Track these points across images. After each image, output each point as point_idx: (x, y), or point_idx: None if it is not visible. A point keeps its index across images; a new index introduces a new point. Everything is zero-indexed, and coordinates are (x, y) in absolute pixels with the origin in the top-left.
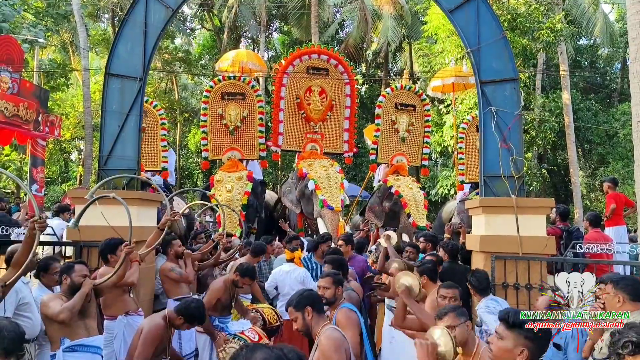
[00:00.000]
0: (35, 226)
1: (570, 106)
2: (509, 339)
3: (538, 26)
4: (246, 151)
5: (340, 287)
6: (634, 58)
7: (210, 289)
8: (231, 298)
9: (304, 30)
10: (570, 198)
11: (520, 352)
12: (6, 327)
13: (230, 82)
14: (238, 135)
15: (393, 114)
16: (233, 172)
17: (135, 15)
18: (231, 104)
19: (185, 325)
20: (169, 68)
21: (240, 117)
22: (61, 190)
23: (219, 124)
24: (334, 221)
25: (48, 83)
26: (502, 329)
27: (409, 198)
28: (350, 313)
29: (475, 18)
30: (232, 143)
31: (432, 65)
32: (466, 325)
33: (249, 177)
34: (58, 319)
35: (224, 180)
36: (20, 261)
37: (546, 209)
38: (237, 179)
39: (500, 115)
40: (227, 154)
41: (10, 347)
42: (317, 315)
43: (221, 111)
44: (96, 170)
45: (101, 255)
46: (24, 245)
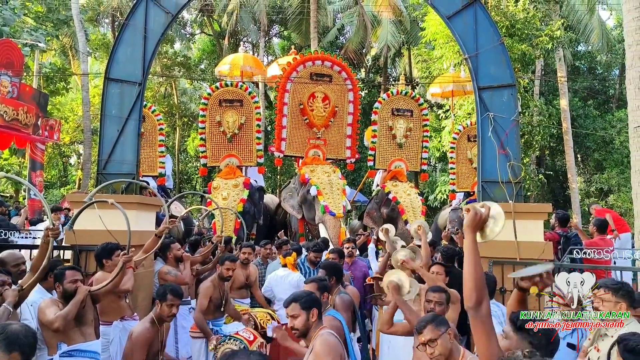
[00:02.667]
0: (50, 234)
1: (568, 112)
2: (512, 340)
3: (536, 33)
4: (244, 158)
5: (325, 293)
6: (630, 64)
7: (200, 292)
8: (222, 296)
9: (304, 36)
10: (569, 204)
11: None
12: (22, 332)
13: (228, 89)
14: (236, 142)
15: (390, 119)
16: (230, 179)
17: (135, 20)
18: (229, 110)
19: (173, 308)
20: (168, 73)
21: (238, 123)
22: (60, 194)
23: (217, 131)
24: (336, 227)
25: (47, 87)
26: (509, 329)
27: (406, 205)
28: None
29: (473, 24)
30: (230, 150)
31: (430, 70)
32: (448, 334)
33: (246, 184)
34: (52, 328)
35: (220, 187)
36: (37, 266)
37: (543, 215)
38: (234, 186)
39: (497, 121)
40: (225, 161)
41: (29, 352)
42: (319, 320)
43: (219, 118)
44: (95, 174)
45: (97, 260)
46: (40, 252)
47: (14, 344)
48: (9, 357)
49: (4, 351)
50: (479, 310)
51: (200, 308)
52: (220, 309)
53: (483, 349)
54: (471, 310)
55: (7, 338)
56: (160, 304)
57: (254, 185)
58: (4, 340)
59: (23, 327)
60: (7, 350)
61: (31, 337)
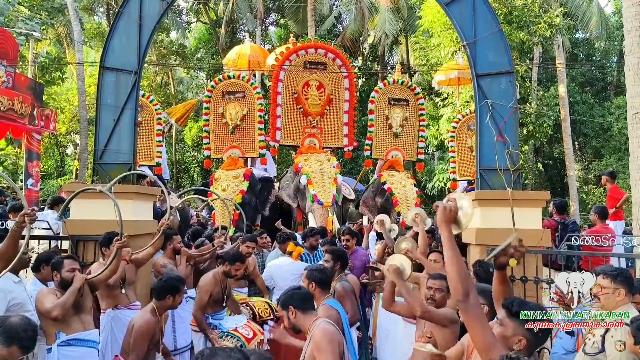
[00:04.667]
0: (26, 219)
1: (566, 99)
2: (508, 327)
3: (535, 20)
4: (246, 149)
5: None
6: (629, 51)
7: (199, 287)
8: (223, 291)
9: (301, 24)
10: (567, 191)
11: (518, 341)
12: (21, 326)
13: (231, 81)
14: (238, 133)
15: (386, 109)
16: (231, 170)
17: (129, 8)
18: (232, 102)
19: (170, 299)
20: (164, 62)
21: (240, 115)
22: (57, 185)
23: (221, 123)
24: (323, 216)
25: (43, 77)
26: (504, 316)
27: (400, 196)
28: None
29: (471, 11)
30: (232, 141)
31: (428, 58)
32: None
33: (246, 176)
34: (51, 316)
35: (221, 178)
36: (7, 255)
37: (542, 202)
38: (234, 177)
39: (496, 108)
40: (228, 152)
41: (29, 345)
42: (303, 314)
43: (222, 110)
44: (92, 164)
45: (100, 249)
46: (10, 239)
47: (13, 338)
48: (8, 350)
49: (3, 344)
50: (468, 301)
51: (200, 304)
52: (221, 304)
53: (479, 339)
54: (461, 303)
55: (6, 332)
56: (167, 296)
57: (257, 176)
58: (3, 334)
59: (22, 320)
60: (6, 344)
61: (30, 331)
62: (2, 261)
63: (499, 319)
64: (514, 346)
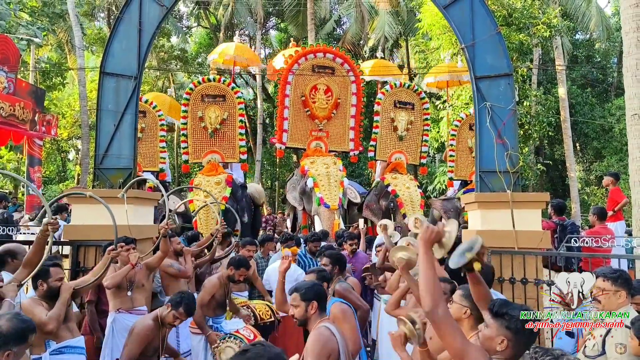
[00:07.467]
0: (49, 228)
1: (566, 101)
2: (492, 328)
3: (534, 22)
4: (226, 154)
5: (325, 283)
6: (627, 52)
7: (204, 286)
8: (225, 295)
9: (301, 28)
10: (567, 192)
11: (500, 342)
12: (5, 328)
13: (210, 84)
14: (218, 138)
15: (392, 111)
16: (212, 176)
17: (129, 14)
18: (211, 106)
19: (177, 320)
20: (165, 66)
21: (220, 119)
22: (59, 190)
23: (199, 127)
24: (329, 219)
25: (44, 82)
26: (488, 317)
27: (405, 198)
28: (343, 306)
29: (469, 14)
30: (211, 146)
31: (428, 61)
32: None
33: (228, 182)
34: (47, 330)
35: (202, 184)
36: (33, 261)
37: (541, 204)
38: (216, 183)
39: (495, 111)
40: (207, 157)
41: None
42: (319, 312)
43: (201, 113)
44: (93, 169)
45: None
46: (36, 246)
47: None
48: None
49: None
50: (436, 313)
51: (200, 303)
52: (223, 307)
53: (450, 346)
54: (429, 315)
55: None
56: (170, 310)
57: (237, 182)
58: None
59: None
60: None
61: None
62: (29, 267)
63: (485, 320)
64: (497, 347)
